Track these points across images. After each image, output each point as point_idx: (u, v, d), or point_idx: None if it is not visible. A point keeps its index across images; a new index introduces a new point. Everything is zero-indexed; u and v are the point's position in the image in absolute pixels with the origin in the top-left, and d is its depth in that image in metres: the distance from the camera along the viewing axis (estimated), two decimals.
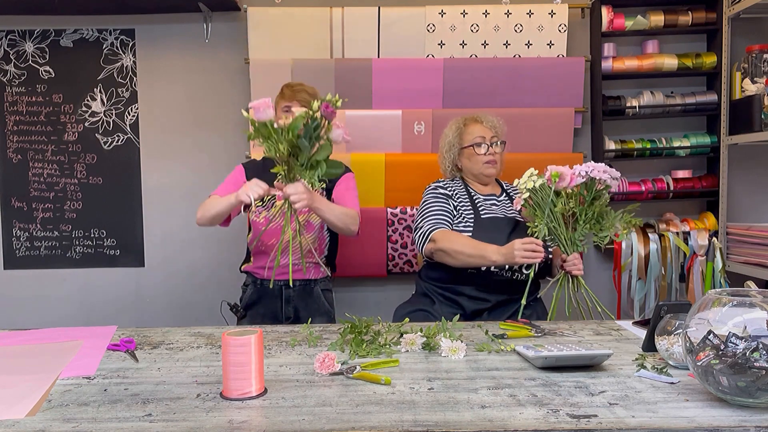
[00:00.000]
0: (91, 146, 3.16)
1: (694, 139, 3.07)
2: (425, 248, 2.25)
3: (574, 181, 2.00)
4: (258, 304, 2.38)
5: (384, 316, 1.89)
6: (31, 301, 3.20)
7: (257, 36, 3.02)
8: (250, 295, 2.39)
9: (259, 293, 2.38)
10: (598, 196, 2.03)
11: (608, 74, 3.05)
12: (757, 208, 3.17)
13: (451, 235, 2.21)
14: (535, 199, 2.06)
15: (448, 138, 2.41)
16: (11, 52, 3.13)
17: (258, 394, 1.23)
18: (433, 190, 2.36)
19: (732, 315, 1.16)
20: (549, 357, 1.37)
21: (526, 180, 2.07)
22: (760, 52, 2.80)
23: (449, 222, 2.26)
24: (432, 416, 1.11)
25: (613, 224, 2.03)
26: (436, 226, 2.23)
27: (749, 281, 2.09)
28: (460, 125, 2.41)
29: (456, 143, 2.39)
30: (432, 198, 2.33)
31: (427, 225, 2.26)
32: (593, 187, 2.01)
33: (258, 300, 2.38)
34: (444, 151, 2.43)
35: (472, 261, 2.16)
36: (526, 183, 2.06)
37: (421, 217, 2.30)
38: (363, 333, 1.59)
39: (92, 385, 1.33)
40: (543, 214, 2.04)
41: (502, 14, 3.03)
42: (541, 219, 2.04)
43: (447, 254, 2.18)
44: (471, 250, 2.15)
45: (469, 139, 2.36)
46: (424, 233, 2.25)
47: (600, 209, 2.03)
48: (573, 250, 2.04)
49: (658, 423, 1.07)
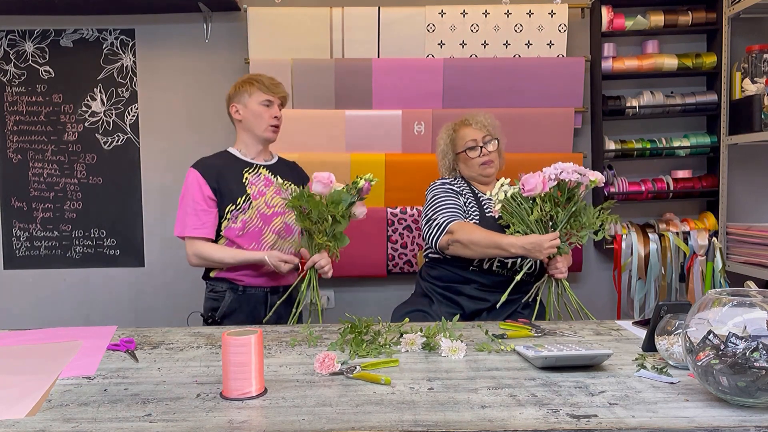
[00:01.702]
0: (91, 146, 3.17)
1: (694, 139, 3.07)
2: (441, 240, 2.20)
3: (547, 185, 1.99)
4: (238, 311, 2.22)
5: (384, 316, 1.89)
6: (31, 301, 3.20)
7: (257, 36, 3.02)
8: (229, 303, 2.21)
9: (239, 301, 2.22)
10: (571, 195, 2.02)
11: (608, 74, 3.05)
12: (757, 208, 3.17)
13: (468, 225, 2.18)
14: (510, 208, 2.07)
15: (440, 147, 2.40)
16: (11, 52, 3.13)
17: (258, 394, 1.23)
18: (441, 186, 2.33)
19: (732, 315, 1.16)
20: (549, 357, 1.37)
21: (498, 191, 2.09)
22: (760, 52, 2.80)
23: (463, 215, 2.25)
24: (432, 416, 1.11)
25: (591, 221, 2.02)
26: (453, 218, 2.21)
27: (749, 281, 2.09)
28: (451, 132, 2.39)
29: (449, 150, 2.38)
30: (442, 192, 2.31)
31: (443, 217, 2.22)
32: (565, 187, 2.00)
33: (239, 307, 2.22)
34: (439, 158, 2.42)
35: (489, 252, 2.13)
36: (497, 194, 2.08)
37: (433, 210, 2.26)
38: (363, 333, 1.59)
39: (92, 385, 1.33)
40: (520, 222, 2.05)
41: (502, 14, 3.03)
42: (518, 226, 2.05)
43: (463, 245, 2.15)
44: (487, 242, 2.11)
45: (461, 144, 2.34)
46: (440, 225, 2.21)
47: (576, 208, 2.02)
48: (556, 254, 2.04)
49: (658, 423, 1.07)
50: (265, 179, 2.26)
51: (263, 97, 2.24)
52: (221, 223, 2.21)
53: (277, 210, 2.24)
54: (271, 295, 2.25)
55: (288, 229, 2.27)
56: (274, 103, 2.26)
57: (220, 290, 2.22)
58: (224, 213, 2.19)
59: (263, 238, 2.22)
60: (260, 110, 2.24)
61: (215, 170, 2.21)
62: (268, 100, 2.24)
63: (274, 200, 2.24)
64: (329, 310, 3.18)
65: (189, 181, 2.22)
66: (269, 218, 2.22)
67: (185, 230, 2.18)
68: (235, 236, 2.20)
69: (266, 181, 2.26)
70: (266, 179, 2.26)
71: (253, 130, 2.26)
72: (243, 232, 2.20)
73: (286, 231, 2.27)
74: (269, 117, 2.24)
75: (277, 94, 2.26)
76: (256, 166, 2.28)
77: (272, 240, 2.24)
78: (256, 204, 2.21)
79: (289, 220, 2.26)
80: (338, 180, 2.02)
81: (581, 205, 2.04)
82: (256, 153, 2.30)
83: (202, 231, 2.17)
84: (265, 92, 2.24)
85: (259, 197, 2.22)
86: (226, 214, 2.19)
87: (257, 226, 2.21)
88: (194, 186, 2.19)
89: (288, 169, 2.37)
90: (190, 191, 2.19)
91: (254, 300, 2.23)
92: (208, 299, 2.26)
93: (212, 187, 2.18)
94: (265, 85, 2.25)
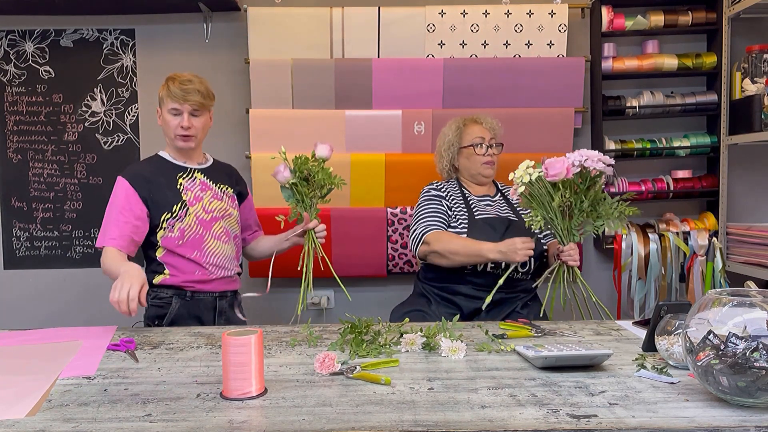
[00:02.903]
0: (91, 146, 3.16)
1: (694, 139, 3.06)
2: (419, 251, 2.28)
3: (571, 171, 1.93)
4: (186, 317, 2.15)
5: (384, 316, 1.89)
6: (31, 301, 3.20)
7: (257, 36, 3.02)
8: (178, 309, 2.13)
9: (187, 307, 2.15)
10: (592, 183, 1.98)
11: (608, 74, 3.05)
12: (757, 208, 3.17)
13: (444, 235, 2.22)
14: (531, 191, 2.01)
15: (448, 137, 2.42)
16: (11, 52, 3.13)
17: (258, 394, 1.23)
18: (426, 193, 2.38)
19: (732, 315, 1.16)
20: (549, 357, 1.37)
21: (522, 173, 1.99)
22: (760, 52, 2.80)
23: (443, 223, 2.28)
24: (432, 416, 1.11)
25: (609, 212, 1.98)
26: (429, 228, 2.25)
27: (749, 281, 2.09)
28: (460, 125, 2.42)
29: (455, 142, 2.40)
30: (425, 201, 2.35)
31: (420, 228, 2.28)
32: (587, 175, 1.96)
33: (186, 313, 2.15)
34: (442, 150, 2.43)
35: (468, 261, 2.18)
36: (522, 176, 1.99)
37: (415, 220, 2.33)
38: (363, 333, 1.59)
39: (92, 385, 1.33)
40: (540, 206, 2.00)
41: (502, 14, 3.03)
42: (538, 210, 2.00)
43: (441, 255, 2.20)
44: (465, 250, 2.16)
45: (468, 138, 2.37)
46: (417, 236, 2.28)
47: (596, 196, 1.98)
48: (569, 240, 2.02)
49: (658, 423, 1.07)
50: (201, 183, 2.19)
51: (170, 105, 2.11)
52: (157, 233, 2.12)
53: (216, 215, 2.18)
54: (219, 300, 2.21)
55: (228, 233, 2.21)
56: (182, 111, 2.10)
57: (165, 296, 2.14)
58: (159, 222, 2.11)
59: (205, 245, 2.15)
60: (168, 118, 2.13)
61: (145, 179, 2.13)
62: (174, 108, 2.11)
63: (212, 205, 2.18)
64: (329, 310, 3.18)
65: (116, 191, 2.12)
66: (209, 224, 2.16)
67: (105, 240, 2.08)
68: (174, 246, 2.13)
69: (202, 186, 2.18)
70: (202, 183, 2.19)
71: (167, 135, 2.18)
72: (183, 241, 2.13)
73: (226, 235, 2.20)
74: (175, 126, 2.12)
75: (186, 101, 2.09)
76: (190, 170, 2.19)
77: (214, 246, 2.17)
78: (193, 210, 2.13)
79: (227, 224, 2.21)
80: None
81: (601, 195, 2.00)
82: (187, 157, 2.21)
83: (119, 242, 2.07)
84: (173, 100, 2.10)
85: (195, 203, 2.14)
86: (161, 224, 2.11)
87: (197, 233, 2.14)
88: (119, 195, 2.11)
89: (224, 173, 2.30)
90: (116, 201, 2.10)
91: (202, 306, 2.17)
92: (151, 306, 2.15)
93: (142, 197, 2.10)
94: (173, 91, 2.10)
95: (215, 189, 2.22)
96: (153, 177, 2.15)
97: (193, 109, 2.12)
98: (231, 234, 2.24)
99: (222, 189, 2.23)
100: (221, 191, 2.23)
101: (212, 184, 2.22)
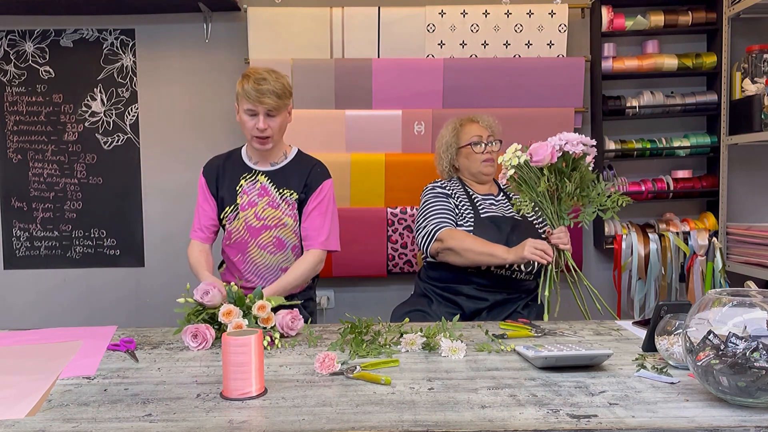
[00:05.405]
0: (91, 146, 3.16)
1: (694, 139, 3.07)
2: (431, 248, 2.23)
3: (555, 157, 1.95)
4: None
5: (384, 316, 1.89)
6: (31, 301, 3.20)
7: (257, 36, 3.02)
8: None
9: None
10: (576, 166, 1.99)
11: (608, 74, 3.05)
12: (757, 208, 3.17)
13: (458, 233, 2.19)
14: (520, 174, 2.03)
15: (445, 138, 2.41)
16: (11, 52, 3.13)
17: (258, 394, 1.23)
18: (432, 190, 2.35)
19: (732, 315, 1.16)
20: (549, 357, 1.37)
21: (510, 156, 2.00)
22: (760, 52, 2.80)
23: (453, 220, 2.26)
24: (432, 416, 1.11)
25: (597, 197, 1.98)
26: (441, 225, 2.22)
27: (749, 281, 2.09)
28: (457, 125, 2.41)
29: (453, 143, 2.39)
30: (432, 197, 2.32)
31: (432, 225, 2.24)
32: (570, 158, 1.97)
33: None
34: (441, 151, 2.43)
35: (481, 259, 2.15)
36: (510, 159, 2.00)
37: (423, 217, 2.29)
38: (363, 333, 1.59)
39: (92, 385, 1.33)
40: (529, 189, 2.01)
41: (502, 14, 3.03)
42: (526, 194, 2.01)
43: (455, 252, 2.17)
44: (480, 248, 2.13)
45: (466, 138, 2.36)
46: (428, 233, 2.23)
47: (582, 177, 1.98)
48: (559, 224, 2.03)
49: (658, 423, 1.07)
50: (261, 188, 2.13)
51: (245, 105, 2.02)
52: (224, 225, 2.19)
53: (268, 223, 2.12)
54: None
55: (279, 243, 2.14)
56: (258, 112, 2.01)
57: None
58: (222, 216, 2.18)
59: (248, 252, 2.15)
60: (245, 119, 2.05)
61: (215, 174, 2.18)
62: (250, 109, 2.02)
63: (265, 212, 2.12)
64: (329, 310, 3.18)
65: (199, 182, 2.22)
66: (257, 231, 2.12)
67: (191, 232, 2.21)
68: (225, 243, 2.19)
69: (261, 191, 2.13)
70: (262, 188, 2.13)
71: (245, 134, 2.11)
72: (230, 242, 2.17)
73: (275, 246, 2.14)
74: (252, 127, 2.04)
75: (261, 103, 1.99)
76: (254, 172, 2.14)
77: (256, 255, 2.15)
78: (243, 215, 2.12)
79: (281, 234, 2.13)
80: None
81: (589, 177, 2.00)
82: (260, 157, 2.15)
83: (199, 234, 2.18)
84: (248, 100, 2.01)
85: (248, 208, 2.12)
86: (222, 219, 2.18)
87: (243, 238, 2.14)
88: (198, 188, 2.21)
89: (297, 174, 2.15)
90: (198, 193, 2.21)
91: None
92: None
93: (211, 192, 2.17)
94: (248, 90, 1.99)
95: (274, 195, 2.12)
96: (222, 173, 2.17)
97: (268, 110, 2.02)
98: (286, 244, 2.15)
99: (283, 195, 2.12)
100: (281, 198, 2.12)
101: (273, 189, 2.12)
